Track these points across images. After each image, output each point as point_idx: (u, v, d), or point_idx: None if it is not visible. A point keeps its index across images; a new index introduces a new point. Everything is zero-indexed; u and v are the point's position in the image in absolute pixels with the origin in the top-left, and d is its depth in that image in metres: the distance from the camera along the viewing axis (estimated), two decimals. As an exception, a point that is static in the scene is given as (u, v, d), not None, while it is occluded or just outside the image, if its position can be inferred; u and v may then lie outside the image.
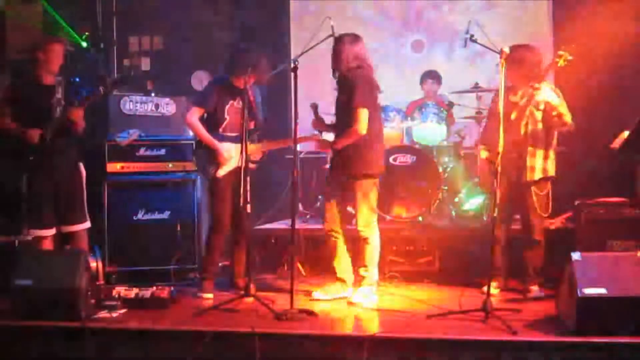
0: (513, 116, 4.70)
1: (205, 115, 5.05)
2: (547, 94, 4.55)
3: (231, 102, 5.02)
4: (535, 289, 4.79)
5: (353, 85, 4.67)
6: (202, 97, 5.13)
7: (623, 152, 4.85)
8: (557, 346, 3.71)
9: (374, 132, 4.73)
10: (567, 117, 4.67)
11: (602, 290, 3.76)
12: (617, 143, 4.98)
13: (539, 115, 4.71)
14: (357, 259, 4.86)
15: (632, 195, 5.17)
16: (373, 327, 4.25)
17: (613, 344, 3.62)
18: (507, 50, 4.36)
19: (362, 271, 4.83)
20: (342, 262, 4.88)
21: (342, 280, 4.88)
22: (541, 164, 4.77)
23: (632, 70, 6.49)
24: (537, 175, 4.75)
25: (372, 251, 4.82)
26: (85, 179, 5.10)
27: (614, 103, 6.46)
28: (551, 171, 4.81)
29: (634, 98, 6.17)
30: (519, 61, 4.63)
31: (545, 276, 5.01)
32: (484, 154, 5.00)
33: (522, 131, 4.71)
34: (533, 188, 4.76)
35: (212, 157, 4.99)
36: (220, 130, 5.02)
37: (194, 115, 5.01)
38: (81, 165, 5.09)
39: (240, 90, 4.91)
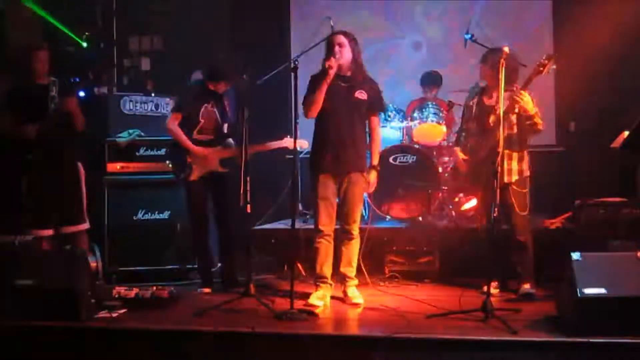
0: (491, 120, 4.74)
1: (183, 119, 5.13)
2: (526, 102, 4.57)
3: (205, 105, 5.13)
4: (526, 287, 4.79)
5: (379, 90, 4.80)
6: (178, 102, 5.26)
7: (623, 152, 4.86)
8: (557, 346, 3.71)
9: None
10: (540, 125, 4.71)
11: (602, 290, 3.76)
12: (617, 143, 4.99)
13: (514, 118, 4.74)
14: (338, 259, 4.83)
15: (632, 195, 5.17)
16: (373, 327, 4.25)
17: (613, 344, 3.62)
18: (507, 50, 4.36)
19: (349, 272, 4.80)
20: (331, 265, 4.81)
21: (330, 284, 4.82)
22: (516, 166, 4.81)
23: (633, 70, 6.49)
24: (514, 177, 4.80)
25: (357, 250, 4.83)
26: (84, 179, 5.10)
27: (614, 103, 6.46)
28: (526, 171, 4.85)
29: (634, 98, 6.17)
30: (495, 64, 4.63)
31: (545, 276, 5.02)
32: (460, 156, 5.04)
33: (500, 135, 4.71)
34: (513, 187, 4.79)
35: (186, 160, 5.10)
36: (195, 133, 5.12)
37: (173, 121, 5.12)
38: (80, 165, 5.09)
39: (214, 94, 5.14)
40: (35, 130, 4.79)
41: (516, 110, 4.65)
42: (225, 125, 5.24)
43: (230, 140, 5.22)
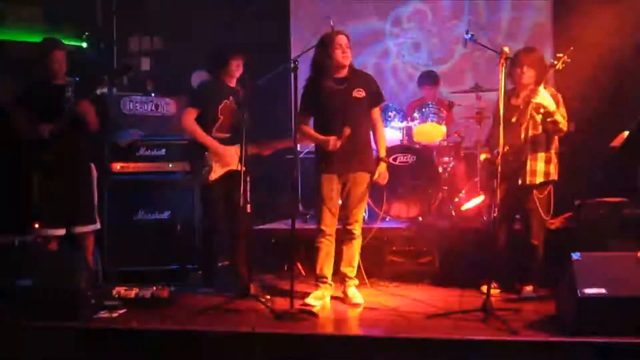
0: (514, 119, 4.69)
1: (198, 116, 4.95)
2: (544, 99, 4.52)
3: (224, 101, 4.94)
4: (528, 290, 4.79)
5: (376, 82, 4.80)
6: (195, 97, 5.07)
7: (623, 151, 4.85)
8: (557, 346, 3.71)
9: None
10: (562, 125, 4.64)
11: (602, 290, 3.77)
12: (617, 142, 4.98)
13: (539, 118, 4.68)
14: (339, 258, 4.83)
15: (632, 195, 5.17)
16: (373, 327, 4.25)
17: (613, 344, 3.62)
18: (507, 50, 4.36)
19: (350, 272, 4.80)
20: (332, 265, 4.81)
21: (330, 284, 4.82)
22: (543, 168, 4.74)
23: (632, 70, 6.49)
24: (539, 178, 4.73)
25: (358, 250, 4.83)
26: (96, 179, 5.10)
27: (614, 103, 6.46)
28: (553, 174, 4.78)
29: (634, 98, 6.17)
30: (538, 62, 4.62)
31: (545, 276, 5.01)
32: (483, 157, 5.00)
33: (522, 135, 4.69)
34: (536, 190, 4.74)
35: (206, 160, 4.93)
36: (214, 130, 4.94)
37: (190, 117, 4.93)
38: (92, 166, 5.09)
39: (232, 89, 4.93)
40: (49, 129, 4.79)
41: (542, 110, 4.61)
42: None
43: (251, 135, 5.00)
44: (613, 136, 5.09)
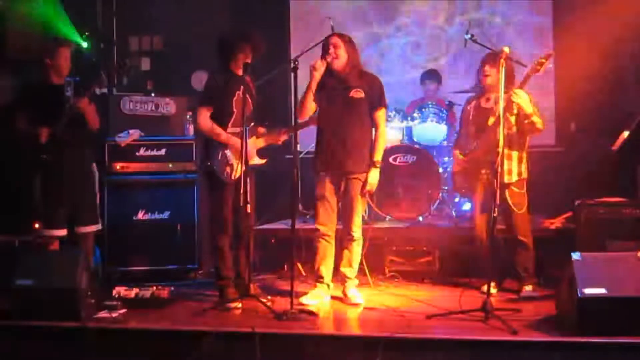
0: (490, 122, 4.74)
1: (213, 113, 4.77)
2: (522, 100, 4.56)
3: (237, 93, 4.75)
4: (528, 289, 4.80)
5: (380, 86, 4.79)
6: (206, 95, 4.85)
7: (623, 152, 4.86)
8: (557, 346, 3.71)
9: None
10: (539, 124, 4.70)
11: (602, 290, 3.76)
12: (617, 145, 4.99)
13: (512, 119, 4.74)
14: (339, 259, 4.83)
15: (632, 195, 5.17)
16: (373, 327, 4.25)
17: (613, 344, 3.62)
18: (507, 50, 4.36)
19: (349, 272, 4.80)
20: (330, 266, 4.82)
21: (327, 284, 4.82)
22: (517, 167, 4.81)
23: (632, 70, 6.49)
24: (514, 177, 4.79)
25: (360, 251, 4.83)
26: (98, 179, 5.10)
27: (613, 102, 6.46)
28: (524, 173, 4.85)
29: (634, 98, 6.17)
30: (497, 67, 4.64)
31: (545, 276, 5.02)
32: (461, 157, 5.03)
33: (498, 135, 4.71)
34: (512, 188, 4.79)
35: (228, 158, 4.75)
36: (230, 125, 4.76)
37: (206, 116, 4.75)
38: (94, 166, 5.09)
39: (241, 78, 4.76)
40: (49, 130, 4.77)
41: (515, 110, 4.65)
42: (251, 108, 4.84)
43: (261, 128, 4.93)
44: (613, 136, 5.09)
